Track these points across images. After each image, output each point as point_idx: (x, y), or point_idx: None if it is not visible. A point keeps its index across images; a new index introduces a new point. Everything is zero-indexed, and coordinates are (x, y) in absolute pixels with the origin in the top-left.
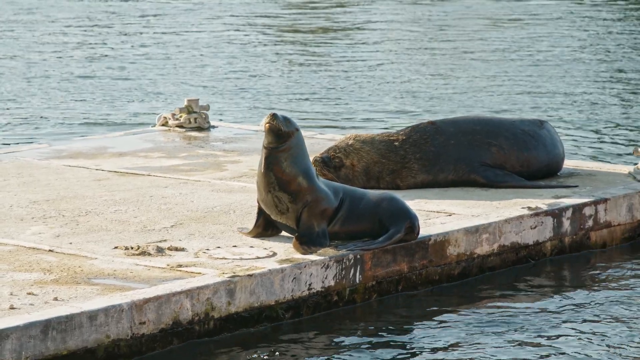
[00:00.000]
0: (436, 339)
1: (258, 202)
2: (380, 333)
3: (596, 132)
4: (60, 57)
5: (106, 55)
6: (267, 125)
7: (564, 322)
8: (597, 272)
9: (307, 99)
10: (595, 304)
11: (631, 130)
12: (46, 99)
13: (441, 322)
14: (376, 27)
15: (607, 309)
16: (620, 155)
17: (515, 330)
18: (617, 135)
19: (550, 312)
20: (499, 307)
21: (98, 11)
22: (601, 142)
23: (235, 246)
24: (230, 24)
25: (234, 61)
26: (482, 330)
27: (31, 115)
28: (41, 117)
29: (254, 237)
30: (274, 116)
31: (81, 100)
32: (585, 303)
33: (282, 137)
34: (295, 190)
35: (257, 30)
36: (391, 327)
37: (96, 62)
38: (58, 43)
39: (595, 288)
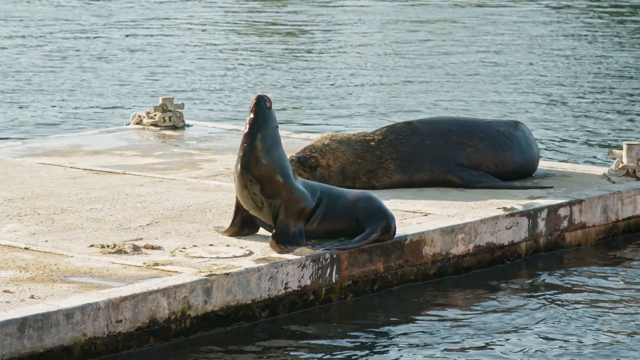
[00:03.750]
0: (412, 338)
1: (236, 199)
2: (355, 332)
3: (571, 133)
4: (33, 56)
5: (79, 54)
6: (257, 96)
7: (538, 321)
8: (571, 272)
9: (281, 98)
10: (569, 303)
11: (606, 132)
12: (20, 97)
13: (417, 321)
14: (350, 28)
15: (580, 309)
16: (595, 156)
17: (490, 330)
18: (592, 136)
19: (524, 311)
20: (474, 307)
21: (70, 10)
22: (576, 143)
23: (211, 245)
24: (206, 22)
25: (208, 60)
26: (457, 330)
27: (4, 113)
28: (15, 115)
29: (231, 235)
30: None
31: (55, 99)
32: (558, 303)
33: (264, 113)
34: (271, 188)
35: (231, 29)
36: (367, 327)
37: (69, 60)
38: (30, 42)
39: (569, 288)
